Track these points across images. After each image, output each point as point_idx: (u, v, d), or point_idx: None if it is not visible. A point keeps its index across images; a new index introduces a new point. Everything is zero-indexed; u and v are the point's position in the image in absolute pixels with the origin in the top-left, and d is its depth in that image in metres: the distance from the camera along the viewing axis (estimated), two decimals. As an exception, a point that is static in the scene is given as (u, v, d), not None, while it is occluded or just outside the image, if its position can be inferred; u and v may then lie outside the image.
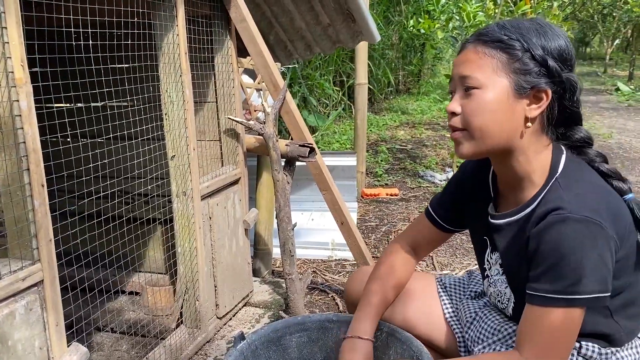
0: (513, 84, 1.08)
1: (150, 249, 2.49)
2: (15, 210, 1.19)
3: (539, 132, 1.13)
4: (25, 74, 1.16)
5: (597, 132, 6.88)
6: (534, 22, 1.11)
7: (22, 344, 1.18)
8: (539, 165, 1.14)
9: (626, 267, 1.12)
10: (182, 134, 1.81)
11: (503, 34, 1.08)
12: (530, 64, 1.07)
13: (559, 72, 1.07)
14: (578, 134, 1.16)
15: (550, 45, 1.07)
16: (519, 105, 1.09)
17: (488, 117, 1.09)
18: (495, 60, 1.08)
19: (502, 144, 1.12)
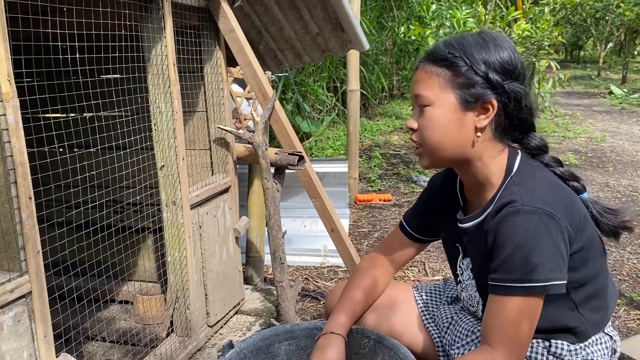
0: (459, 98, 1.14)
1: (141, 258, 2.50)
2: (2, 223, 1.20)
3: (491, 139, 1.18)
4: (12, 89, 1.18)
5: (590, 136, 6.92)
6: (478, 36, 1.17)
7: (11, 355, 1.19)
8: (495, 168, 1.20)
9: (586, 259, 1.16)
10: (171, 144, 1.83)
11: (447, 52, 1.15)
12: (473, 78, 1.13)
13: (500, 83, 1.13)
14: (533, 141, 1.22)
15: (492, 58, 1.13)
16: (467, 117, 1.15)
17: (438, 132, 1.17)
18: (441, 78, 1.15)
19: (457, 155, 1.19)
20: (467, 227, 1.27)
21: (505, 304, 1.11)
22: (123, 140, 1.84)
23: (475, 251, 1.26)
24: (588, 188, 4.68)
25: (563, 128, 7.50)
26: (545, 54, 5.77)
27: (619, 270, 2.88)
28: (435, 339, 1.47)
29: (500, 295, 1.12)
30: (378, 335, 1.46)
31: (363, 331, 1.47)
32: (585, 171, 5.16)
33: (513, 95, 1.14)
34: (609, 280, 1.29)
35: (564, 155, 5.79)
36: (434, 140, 1.18)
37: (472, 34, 1.18)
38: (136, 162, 1.87)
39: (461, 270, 1.37)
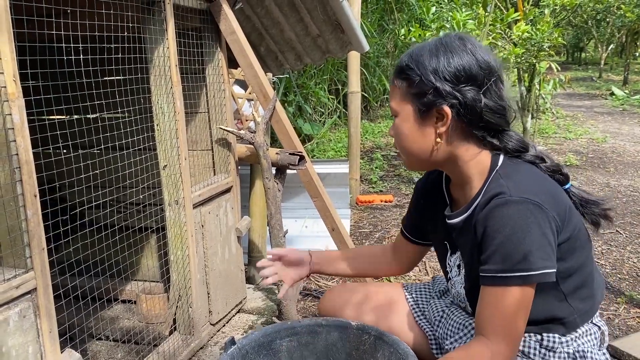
0: (415, 107, 1.20)
1: (145, 258, 2.53)
2: (8, 220, 1.23)
3: (461, 142, 1.21)
4: (17, 89, 1.20)
5: (591, 137, 6.93)
6: (434, 44, 1.19)
7: (16, 350, 1.21)
8: (477, 168, 1.23)
9: (573, 249, 1.19)
10: (173, 144, 1.85)
11: (405, 64, 1.20)
12: (423, 87, 1.17)
13: (449, 91, 1.15)
14: (510, 143, 1.22)
15: (440, 66, 1.16)
16: (427, 126, 1.20)
17: (404, 140, 1.24)
18: (401, 90, 1.22)
19: (429, 159, 1.24)
20: (455, 222, 1.29)
21: (500, 294, 1.12)
22: (126, 140, 1.87)
23: (465, 245, 1.28)
24: (588, 188, 4.69)
25: (564, 129, 7.51)
26: (546, 56, 5.78)
27: (619, 269, 2.90)
28: (428, 334, 1.51)
29: (493, 286, 1.13)
30: (378, 332, 1.47)
31: (363, 327, 1.49)
32: (586, 171, 5.17)
33: (464, 101, 1.15)
34: (595, 270, 1.31)
35: (565, 156, 5.80)
36: (403, 148, 1.26)
37: (430, 42, 1.21)
38: (139, 162, 1.89)
39: (450, 267, 1.39)
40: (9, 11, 1.18)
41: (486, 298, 1.15)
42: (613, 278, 2.78)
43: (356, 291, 1.65)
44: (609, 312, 2.41)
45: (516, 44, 5.57)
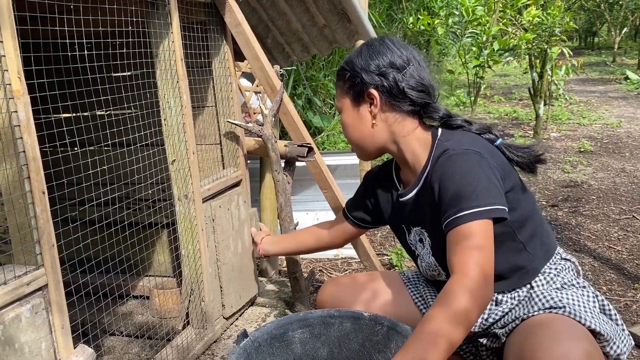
0: (351, 98, 1.42)
1: (157, 253, 2.54)
2: (17, 217, 1.23)
3: (398, 121, 1.40)
4: (22, 86, 1.20)
5: (606, 122, 6.83)
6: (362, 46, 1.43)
7: (29, 346, 1.22)
8: (417, 143, 1.40)
9: (518, 199, 1.34)
10: (181, 139, 1.85)
11: (340, 67, 1.45)
12: (353, 80, 1.40)
13: (373, 77, 1.37)
14: (435, 113, 1.41)
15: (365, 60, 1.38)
16: (363, 110, 1.41)
17: (347, 130, 1.46)
18: (339, 89, 1.46)
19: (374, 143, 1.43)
20: (409, 197, 1.44)
21: (460, 232, 1.20)
22: (134, 136, 1.87)
23: (423, 214, 1.41)
24: (603, 174, 4.63)
25: (578, 115, 7.41)
26: (558, 41, 5.70)
27: (636, 254, 2.85)
28: None
29: (454, 227, 1.21)
30: (391, 322, 1.46)
31: (376, 318, 1.48)
32: (601, 157, 5.10)
33: (387, 82, 1.35)
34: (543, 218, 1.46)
35: (579, 142, 5.73)
36: (350, 138, 1.47)
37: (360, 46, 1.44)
38: (148, 157, 1.89)
39: (413, 245, 1.52)
40: (11, 8, 1.18)
41: (451, 241, 1.23)
42: (630, 264, 2.74)
43: (355, 284, 1.67)
44: (626, 298, 2.38)
45: (527, 30, 5.50)
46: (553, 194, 4.04)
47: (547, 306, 1.29)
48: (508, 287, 1.40)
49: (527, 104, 8.49)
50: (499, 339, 1.38)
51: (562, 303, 1.28)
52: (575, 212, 3.58)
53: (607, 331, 1.23)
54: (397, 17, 8.40)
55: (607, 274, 2.64)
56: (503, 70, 14.55)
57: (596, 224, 3.34)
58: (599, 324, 1.22)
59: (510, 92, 10.47)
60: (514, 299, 1.40)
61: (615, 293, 2.44)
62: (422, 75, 1.38)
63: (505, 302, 1.41)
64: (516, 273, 1.38)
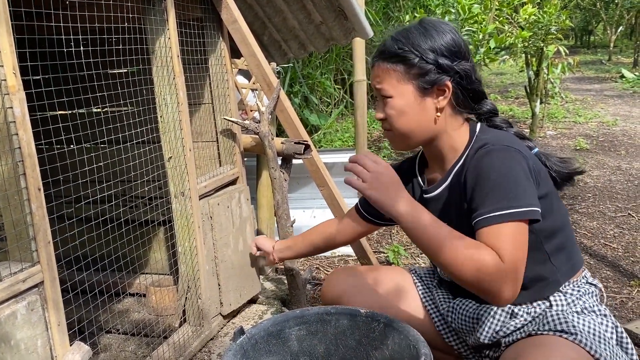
0: (416, 87, 1.28)
1: (154, 251, 2.53)
2: (13, 214, 1.23)
3: (452, 114, 1.33)
4: (17, 82, 1.20)
5: (602, 120, 6.85)
6: (420, 25, 1.30)
7: (25, 343, 1.21)
8: (459, 138, 1.34)
9: (551, 209, 1.28)
10: (177, 136, 1.84)
11: (397, 48, 1.28)
12: (425, 67, 1.26)
13: (450, 66, 1.26)
14: (485, 106, 1.36)
15: (437, 44, 1.26)
16: (427, 101, 1.30)
17: (404, 119, 1.31)
18: (397, 72, 1.28)
19: (424, 135, 1.33)
20: (435, 194, 1.38)
21: (495, 231, 1.13)
22: (129, 133, 1.86)
23: (448, 209, 1.35)
24: (599, 172, 4.64)
25: (574, 113, 7.43)
26: (554, 39, 5.71)
27: (632, 252, 2.86)
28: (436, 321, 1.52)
29: (488, 226, 1.15)
30: (388, 319, 1.46)
31: (373, 315, 1.48)
32: (597, 155, 5.12)
33: (464, 73, 1.27)
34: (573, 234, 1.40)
35: (575, 140, 5.74)
36: (401, 127, 1.32)
37: (414, 25, 1.30)
38: (144, 155, 1.88)
39: None
40: (6, 3, 1.17)
41: (485, 238, 1.15)
42: (626, 261, 2.75)
43: (362, 276, 1.64)
44: (622, 295, 2.39)
45: (523, 28, 5.50)
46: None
47: (558, 328, 1.22)
48: (526, 298, 1.33)
49: (523, 102, 8.50)
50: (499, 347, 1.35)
51: (575, 330, 1.21)
52: (571, 210, 3.59)
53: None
54: (394, 15, 8.40)
55: (603, 271, 2.64)
56: (499, 68, 14.57)
57: (592, 222, 3.35)
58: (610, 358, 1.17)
59: (506, 90, 10.48)
60: (529, 315, 1.32)
61: (611, 290, 2.44)
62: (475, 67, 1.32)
63: (520, 317, 1.33)
64: (537, 284, 1.31)
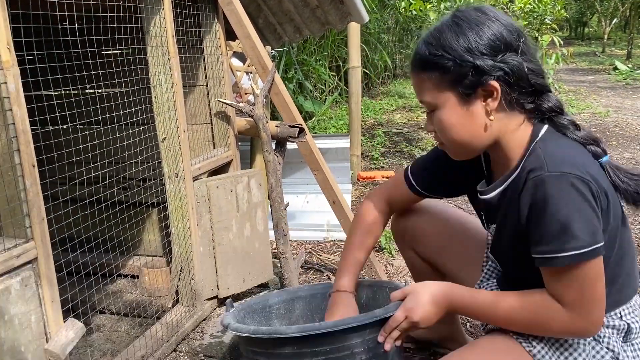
0: (457, 94, 1.13)
1: (147, 232, 2.53)
2: (7, 190, 1.23)
3: (506, 114, 1.15)
4: (12, 57, 1.19)
5: (594, 111, 6.88)
6: (453, 23, 1.13)
7: (19, 318, 1.22)
8: (519, 140, 1.17)
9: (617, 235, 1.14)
10: (172, 117, 1.84)
11: (428, 53, 1.14)
12: (462, 70, 1.10)
13: (492, 64, 1.09)
14: (547, 103, 1.17)
15: (472, 43, 1.10)
16: (475, 107, 1.14)
17: (452, 131, 1.17)
18: (433, 81, 1.14)
19: (481, 143, 1.18)
20: (488, 198, 1.25)
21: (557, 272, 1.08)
22: (124, 112, 1.85)
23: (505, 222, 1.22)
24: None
25: (567, 104, 7.45)
26: (549, 29, 5.71)
27: None
28: None
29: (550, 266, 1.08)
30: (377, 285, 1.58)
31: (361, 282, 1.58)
32: (589, 145, 5.15)
33: (510, 69, 1.10)
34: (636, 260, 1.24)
35: (568, 130, 5.77)
36: (452, 139, 1.19)
37: (447, 23, 1.15)
38: (138, 135, 1.88)
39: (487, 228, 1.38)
40: (0, -22, 1.16)
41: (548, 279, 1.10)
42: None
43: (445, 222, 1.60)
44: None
45: (518, 17, 5.51)
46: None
47: None
48: None
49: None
50: None
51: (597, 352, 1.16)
52: (562, 199, 3.62)
53: None
54: (390, 2, 8.37)
55: (592, 259, 2.68)
56: (494, 58, 14.56)
57: (582, 210, 3.38)
58: None
59: (500, 80, 10.49)
60: None
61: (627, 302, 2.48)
62: (534, 54, 1.15)
63: None
64: None
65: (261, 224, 2.17)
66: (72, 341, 1.32)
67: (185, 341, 1.88)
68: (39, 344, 1.26)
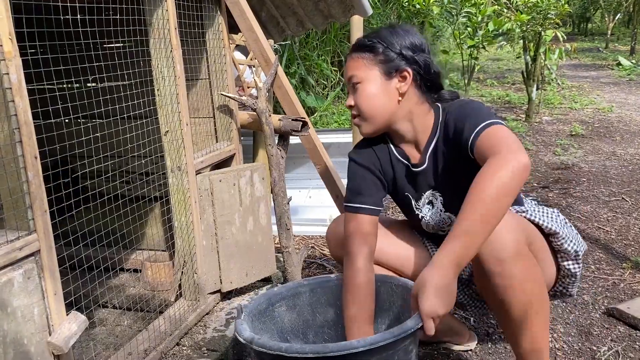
0: (382, 71, 1.46)
1: (149, 226, 2.53)
2: (9, 182, 1.22)
3: (417, 102, 1.50)
4: (14, 47, 1.18)
5: (597, 107, 6.86)
6: (389, 26, 1.51)
7: (22, 311, 1.21)
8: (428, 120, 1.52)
9: None
10: (174, 110, 1.83)
11: (367, 41, 1.48)
12: (390, 54, 1.45)
13: (412, 56, 1.45)
14: (445, 95, 1.55)
15: (401, 40, 1.46)
16: (391, 85, 1.47)
17: (371, 101, 1.47)
18: (365, 60, 1.47)
19: (389, 118, 1.50)
20: (425, 166, 1.53)
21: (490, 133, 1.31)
22: (127, 107, 1.85)
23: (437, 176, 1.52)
24: (594, 157, 4.66)
25: (570, 100, 7.43)
26: (552, 24, 5.68)
27: (625, 235, 2.88)
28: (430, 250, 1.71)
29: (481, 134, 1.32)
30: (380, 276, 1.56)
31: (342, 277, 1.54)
32: (592, 141, 5.13)
33: (423, 64, 1.46)
34: None
35: (571, 125, 5.75)
36: (368, 109, 1.48)
37: (384, 27, 1.52)
38: (140, 128, 1.87)
39: (419, 209, 1.61)
40: (2, -33, 1.15)
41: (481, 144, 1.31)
42: (618, 244, 2.77)
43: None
44: (614, 277, 2.41)
45: (522, 12, 5.48)
46: (544, 176, 4.06)
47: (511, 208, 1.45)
48: None
49: (519, 88, 8.49)
50: None
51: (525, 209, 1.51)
52: (565, 194, 3.61)
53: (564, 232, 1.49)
54: (392, -3, 8.34)
55: (596, 254, 2.66)
56: (496, 54, 14.53)
57: (586, 206, 3.36)
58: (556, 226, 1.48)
59: (503, 76, 10.46)
60: None
61: (604, 272, 2.47)
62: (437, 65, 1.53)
63: None
64: None
65: (264, 218, 2.15)
66: (75, 334, 1.31)
67: (188, 335, 1.87)
68: (41, 337, 1.26)
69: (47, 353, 1.27)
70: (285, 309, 1.57)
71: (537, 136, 5.41)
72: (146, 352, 1.70)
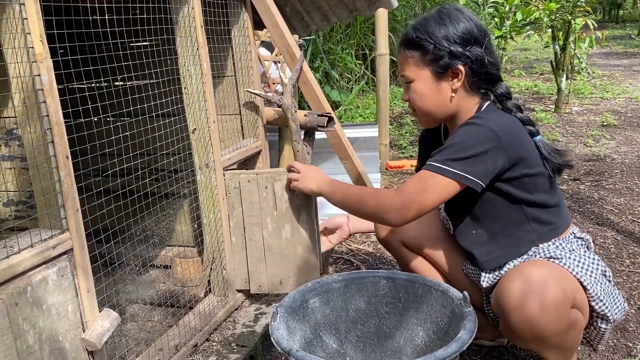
0: (432, 71, 1.47)
1: (178, 223, 2.55)
2: (42, 182, 1.24)
3: (466, 95, 1.50)
4: (45, 49, 1.20)
5: (630, 96, 6.67)
6: (437, 15, 1.46)
7: (57, 308, 1.24)
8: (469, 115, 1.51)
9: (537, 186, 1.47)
10: (201, 107, 1.84)
11: (415, 36, 1.47)
12: (439, 53, 1.44)
13: (462, 52, 1.43)
14: (499, 89, 1.50)
15: (450, 32, 1.43)
16: (443, 84, 1.49)
17: (423, 100, 1.51)
18: (415, 58, 1.48)
19: (443, 114, 1.53)
20: None
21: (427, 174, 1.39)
22: (156, 106, 1.86)
23: None
24: (628, 148, 4.55)
25: (601, 89, 7.24)
26: (582, 12, 5.54)
27: None
28: None
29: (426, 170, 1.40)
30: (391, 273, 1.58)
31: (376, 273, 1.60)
32: (625, 131, 4.99)
33: (475, 58, 1.43)
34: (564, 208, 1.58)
35: (602, 116, 5.60)
36: (422, 107, 1.53)
37: (432, 14, 1.48)
38: (169, 126, 1.88)
39: None
40: (32, -30, 1.16)
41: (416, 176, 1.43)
42: (654, 237, 2.69)
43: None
44: None
45: (551, 0, 5.35)
46: (575, 168, 3.97)
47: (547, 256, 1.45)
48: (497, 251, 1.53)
49: (548, 79, 8.31)
50: None
51: (561, 256, 1.42)
52: (597, 186, 3.52)
53: (597, 290, 1.39)
54: (417, -11, 8.24)
55: (630, 247, 2.59)
56: (524, 44, 14.24)
57: (619, 198, 3.28)
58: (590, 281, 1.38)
59: (531, 66, 10.25)
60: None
61: (639, 266, 2.40)
62: (494, 50, 1.48)
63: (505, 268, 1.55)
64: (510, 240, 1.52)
65: (307, 228, 1.96)
66: (108, 330, 1.33)
67: (217, 330, 1.89)
68: (76, 333, 1.28)
69: (81, 349, 1.30)
70: (318, 305, 1.57)
71: (567, 127, 5.29)
72: (177, 348, 1.72)
